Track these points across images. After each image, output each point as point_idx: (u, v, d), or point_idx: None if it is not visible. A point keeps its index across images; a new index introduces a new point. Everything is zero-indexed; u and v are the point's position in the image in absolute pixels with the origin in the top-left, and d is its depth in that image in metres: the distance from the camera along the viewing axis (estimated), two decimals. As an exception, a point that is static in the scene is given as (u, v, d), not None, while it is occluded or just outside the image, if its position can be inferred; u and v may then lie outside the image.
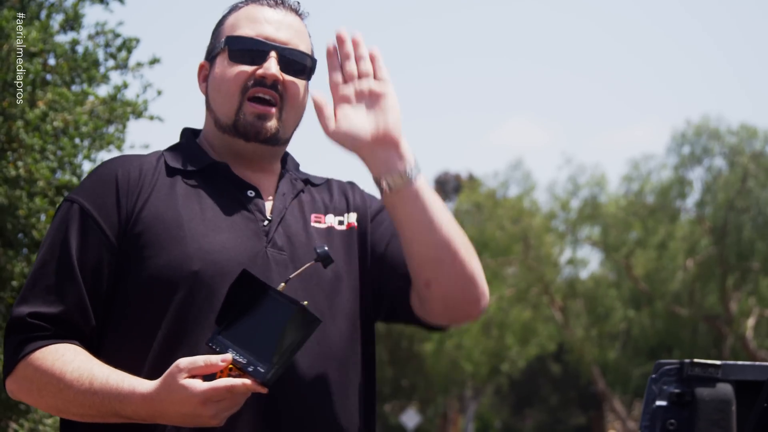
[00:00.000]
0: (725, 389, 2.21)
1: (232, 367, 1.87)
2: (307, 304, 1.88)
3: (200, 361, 1.87)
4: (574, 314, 25.91)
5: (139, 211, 2.07)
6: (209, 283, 2.01)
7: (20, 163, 5.84)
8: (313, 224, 2.16)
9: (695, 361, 2.22)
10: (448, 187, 37.31)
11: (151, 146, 7.17)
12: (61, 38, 6.50)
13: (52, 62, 6.33)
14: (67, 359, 1.99)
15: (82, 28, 6.52)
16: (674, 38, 57.46)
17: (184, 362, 1.88)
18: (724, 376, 2.22)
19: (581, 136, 55.05)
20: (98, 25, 6.52)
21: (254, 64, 2.14)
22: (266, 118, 2.13)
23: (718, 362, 2.24)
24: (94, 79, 6.38)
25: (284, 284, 1.93)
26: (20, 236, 6.06)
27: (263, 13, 2.18)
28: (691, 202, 24.00)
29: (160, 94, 6.51)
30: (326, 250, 1.98)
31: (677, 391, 2.21)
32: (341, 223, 2.19)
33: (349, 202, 2.24)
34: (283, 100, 2.14)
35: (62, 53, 6.23)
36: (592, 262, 40.33)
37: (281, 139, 2.17)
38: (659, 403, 2.22)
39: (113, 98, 6.41)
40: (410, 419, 27.50)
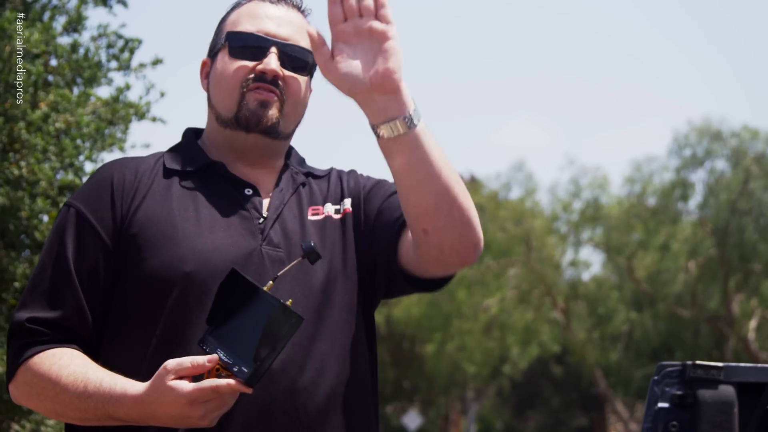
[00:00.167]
0: (727, 391, 2.21)
1: (219, 367, 1.87)
2: (291, 302, 1.86)
3: (187, 362, 1.87)
4: (576, 316, 25.90)
5: (133, 213, 2.07)
6: (202, 283, 2.00)
7: (22, 163, 5.84)
8: (310, 218, 2.15)
9: (697, 363, 2.22)
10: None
11: (152, 146, 7.18)
12: (63, 40, 6.51)
13: (54, 63, 6.33)
14: (63, 363, 1.99)
15: (85, 30, 6.53)
16: (675, 40, 57.48)
17: (171, 364, 1.88)
18: (726, 378, 2.22)
19: (583, 137, 55.06)
20: (101, 27, 6.53)
21: (254, 59, 2.13)
22: (268, 105, 2.12)
23: (720, 364, 2.24)
24: (95, 80, 6.38)
25: (272, 282, 1.91)
26: (22, 237, 6.06)
27: (265, 9, 2.18)
28: (693, 203, 24.01)
29: (163, 95, 6.51)
30: (311, 245, 1.94)
31: (679, 392, 2.21)
32: (337, 211, 2.18)
33: (343, 188, 2.21)
34: (283, 95, 2.13)
35: (63, 55, 6.23)
36: (594, 263, 40.38)
37: (281, 132, 2.15)
38: (661, 404, 2.22)
39: (115, 100, 6.41)
40: (412, 421, 27.48)
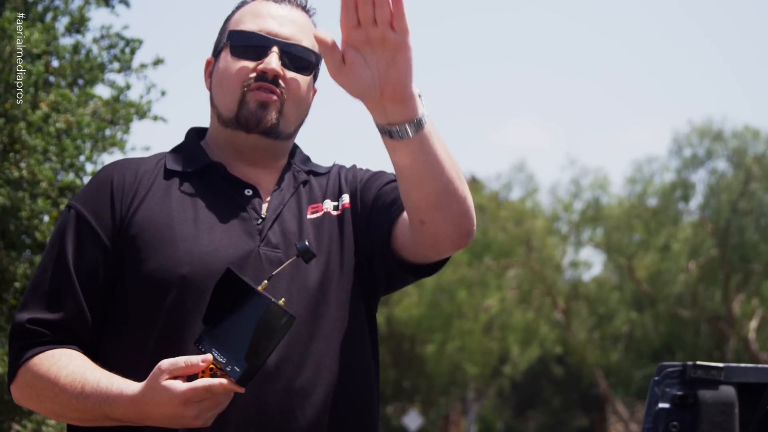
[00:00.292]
0: (728, 391, 2.21)
1: (213, 366, 1.87)
2: (284, 301, 1.86)
3: (181, 362, 1.87)
4: (576, 316, 25.89)
5: (133, 214, 2.07)
6: (199, 285, 2.00)
7: (23, 164, 5.84)
8: (309, 216, 2.14)
9: (698, 363, 2.22)
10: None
11: (153, 148, 7.18)
12: (65, 41, 6.51)
13: (55, 64, 6.34)
14: (62, 364, 2.00)
15: (87, 31, 6.53)
16: (676, 40, 57.46)
17: (165, 364, 1.88)
18: (726, 378, 2.22)
19: (583, 137, 55.05)
20: (103, 28, 6.53)
21: (256, 59, 2.13)
22: (268, 106, 2.11)
23: (720, 365, 2.24)
24: (97, 80, 6.39)
25: (266, 282, 1.91)
26: (23, 238, 6.06)
27: (268, 8, 2.17)
28: (694, 204, 24.00)
29: (164, 94, 6.51)
30: (306, 244, 1.94)
31: (680, 393, 2.21)
32: (336, 207, 2.17)
33: (341, 183, 2.21)
34: (284, 95, 2.12)
35: (65, 55, 6.24)
36: (594, 264, 40.38)
37: (282, 132, 2.15)
38: (662, 405, 2.22)
39: (116, 99, 6.41)
40: (412, 421, 27.47)
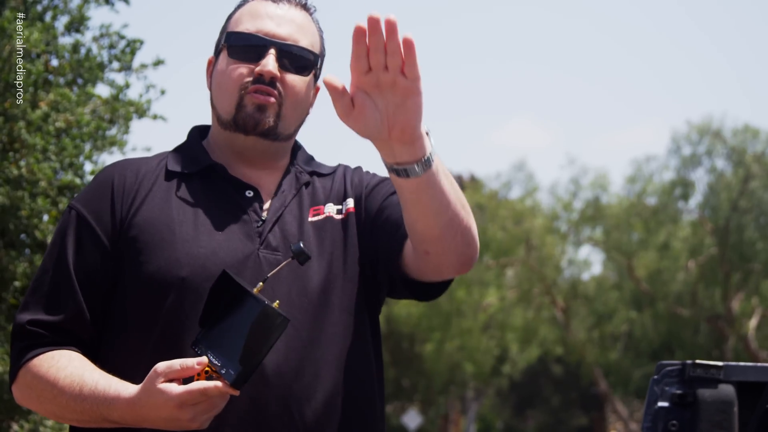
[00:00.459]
0: (727, 390, 2.21)
1: (209, 369, 1.86)
2: (278, 303, 1.85)
3: (176, 365, 1.87)
4: (575, 315, 25.89)
5: (133, 215, 2.06)
6: (198, 288, 1.99)
7: (22, 163, 5.84)
8: (310, 219, 2.12)
9: (697, 362, 2.21)
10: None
11: (153, 147, 7.18)
12: (65, 40, 6.51)
13: (55, 63, 6.33)
14: (61, 365, 1.99)
15: (87, 30, 6.53)
16: (675, 40, 57.44)
17: (161, 367, 1.87)
18: (725, 377, 2.22)
19: (583, 137, 55.04)
20: (103, 27, 6.52)
21: (253, 60, 2.11)
22: (265, 109, 2.09)
23: (719, 363, 2.24)
24: (97, 79, 6.38)
25: (261, 284, 1.91)
26: (22, 237, 6.06)
27: (266, 8, 2.15)
28: (693, 203, 24.01)
29: (163, 93, 6.50)
30: (300, 246, 1.92)
31: (679, 392, 2.21)
32: (340, 211, 2.15)
33: (347, 187, 2.19)
34: (282, 97, 2.10)
35: (64, 55, 6.23)
36: (594, 263, 40.37)
37: (281, 134, 2.13)
38: (661, 404, 2.21)
39: (115, 98, 6.41)
40: (412, 420, 27.46)
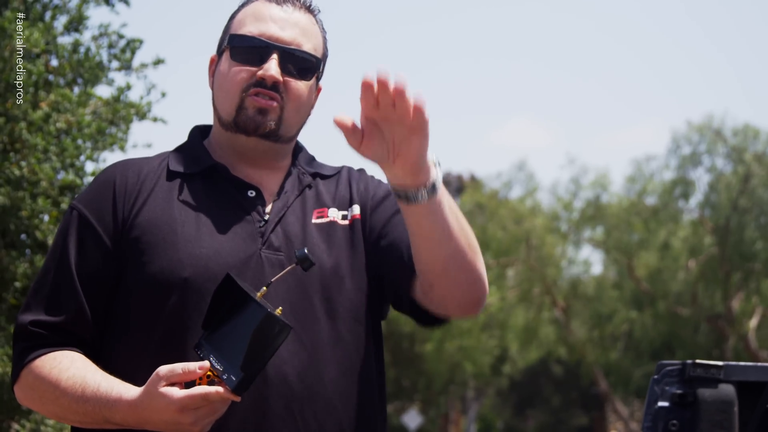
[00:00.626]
0: (727, 390, 2.21)
1: (211, 373, 1.85)
2: (280, 310, 1.84)
3: (178, 368, 1.86)
4: (576, 315, 25.88)
5: (135, 215, 2.06)
6: (200, 288, 1.98)
7: (23, 163, 5.84)
8: (314, 221, 2.11)
9: (697, 361, 2.21)
10: (450, 188, 37.13)
11: (153, 146, 7.17)
12: (64, 39, 6.51)
13: (54, 63, 6.33)
14: (63, 367, 1.99)
15: (86, 29, 6.53)
16: (675, 39, 57.42)
17: (163, 370, 1.87)
18: (726, 376, 2.22)
19: (583, 136, 55.02)
20: (102, 26, 6.52)
21: (256, 64, 2.10)
22: (267, 112, 2.09)
23: (720, 363, 2.24)
24: (96, 80, 6.38)
25: (265, 288, 1.89)
26: (23, 237, 6.06)
27: (270, 10, 2.13)
28: (693, 202, 23.99)
29: (164, 95, 6.50)
30: (305, 252, 1.90)
31: (679, 391, 2.21)
32: (345, 217, 2.14)
33: (353, 193, 2.17)
34: (284, 101, 2.10)
35: (64, 54, 6.23)
36: (594, 263, 40.34)
37: (282, 136, 2.12)
38: (661, 403, 2.21)
39: (116, 99, 6.41)
40: (412, 420, 27.45)
